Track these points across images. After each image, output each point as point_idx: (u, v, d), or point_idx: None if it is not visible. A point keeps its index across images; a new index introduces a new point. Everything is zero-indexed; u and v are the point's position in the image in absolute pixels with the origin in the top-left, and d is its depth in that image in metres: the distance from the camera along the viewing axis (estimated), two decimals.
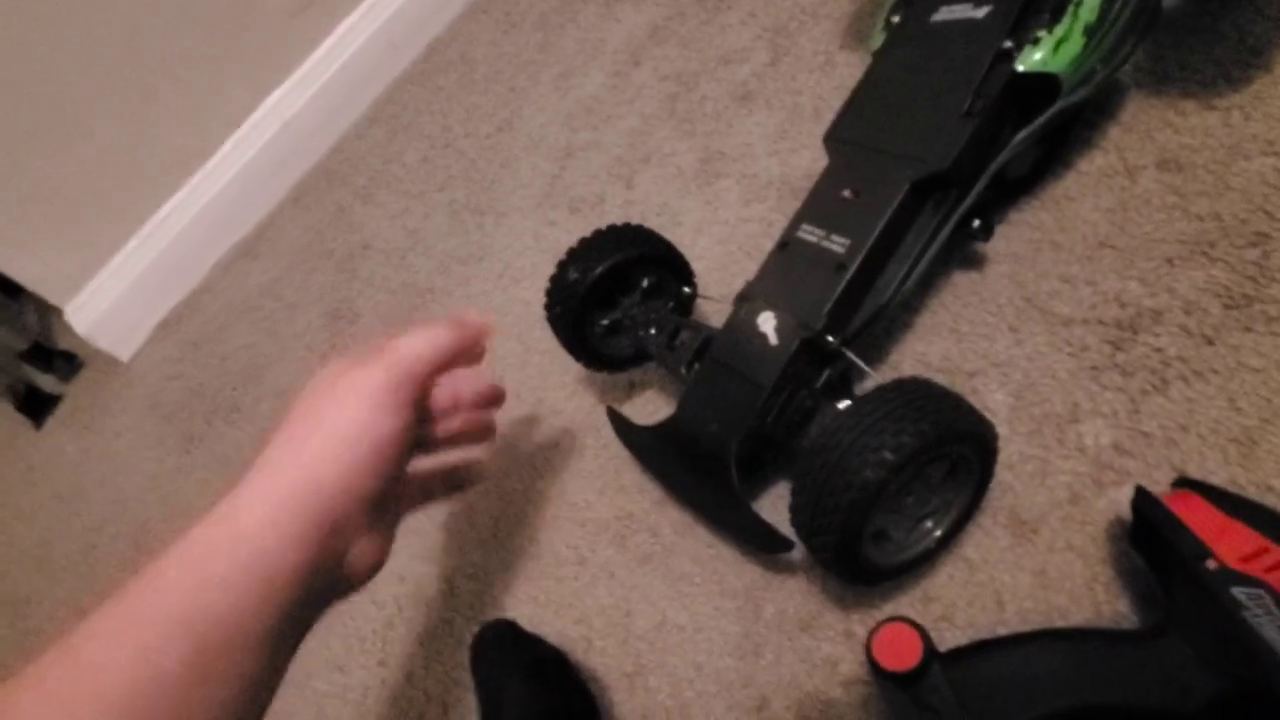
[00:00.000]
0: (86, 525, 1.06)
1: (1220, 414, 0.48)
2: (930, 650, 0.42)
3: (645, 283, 0.65)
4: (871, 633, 0.43)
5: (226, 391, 1.06)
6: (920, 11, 0.59)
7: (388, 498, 0.41)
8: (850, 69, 0.79)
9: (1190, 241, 0.54)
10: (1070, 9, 0.51)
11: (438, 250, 0.99)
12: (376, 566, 0.42)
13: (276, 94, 1.24)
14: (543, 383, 0.77)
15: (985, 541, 0.51)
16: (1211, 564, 0.39)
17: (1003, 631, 0.48)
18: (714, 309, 0.69)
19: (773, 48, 0.86)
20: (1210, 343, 0.50)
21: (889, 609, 0.52)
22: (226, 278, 1.23)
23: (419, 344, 0.43)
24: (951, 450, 0.45)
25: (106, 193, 1.18)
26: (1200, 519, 0.41)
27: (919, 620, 0.49)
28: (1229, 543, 0.40)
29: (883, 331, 0.62)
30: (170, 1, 1.11)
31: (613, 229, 0.64)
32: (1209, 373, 0.49)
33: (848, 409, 0.44)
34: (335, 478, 0.38)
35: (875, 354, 0.60)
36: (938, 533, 0.50)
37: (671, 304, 0.66)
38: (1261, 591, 0.37)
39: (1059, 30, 0.51)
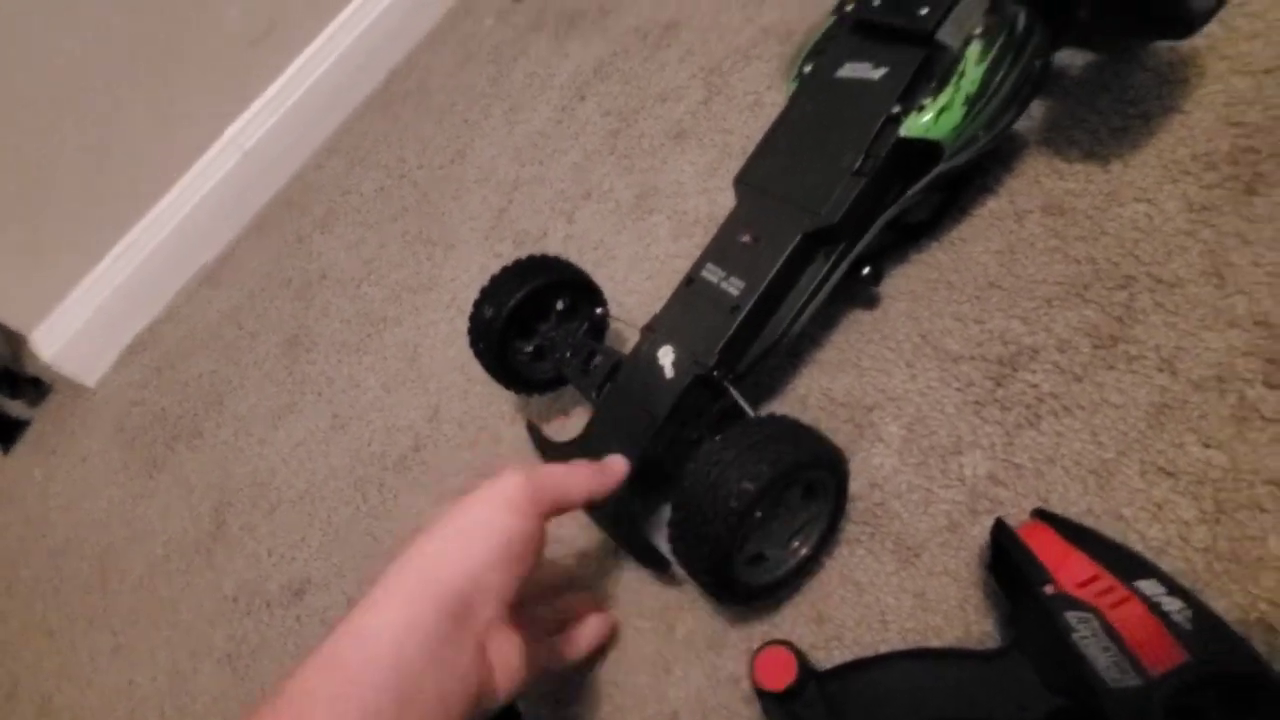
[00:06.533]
0: (52, 548, 1.09)
1: (1083, 447, 0.52)
2: (806, 669, 0.46)
3: (559, 305, 0.69)
4: (754, 655, 0.47)
5: (188, 417, 1.09)
6: (828, 65, 0.63)
7: (519, 600, 0.45)
8: (776, 110, 0.82)
9: (1067, 283, 0.58)
10: (954, 79, 0.54)
11: (390, 280, 1.02)
12: (521, 680, 0.46)
13: (238, 123, 1.27)
14: (483, 411, 0.80)
15: (874, 565, 0.55)
16: (1050, 589, 0.43)
17: (884, 649, 0.52)
18: (633, 335, 0.72)
19: (707, 86, 0.90)
20: (1079, 380, 0.54)
21: (785, 629, 0.55)
22: (189, 305, 1.26)
23: (569, 476, 0.49)
24: (805, 475, 0.50)
25: (71, 220, 1.21)
26: (1047, 547, 0.45)
27: (813, 639, 0.54)
28: (1068, 570, 0.44)
29: (790, 366, 0.65)
30: (132, 30, 1.14)
31: (518, 263, 0.68)
32: (1076, 408, 0.53)
33: (714, 443, 0.48)
34: (456, 568, 0.42)
35: (781, 387, 0.64)
36: (804, 550, 0.54)
37: (585, 325, 0.69)
38: (1091, 615, 0.41)
39: (942, 99, 0.54)
